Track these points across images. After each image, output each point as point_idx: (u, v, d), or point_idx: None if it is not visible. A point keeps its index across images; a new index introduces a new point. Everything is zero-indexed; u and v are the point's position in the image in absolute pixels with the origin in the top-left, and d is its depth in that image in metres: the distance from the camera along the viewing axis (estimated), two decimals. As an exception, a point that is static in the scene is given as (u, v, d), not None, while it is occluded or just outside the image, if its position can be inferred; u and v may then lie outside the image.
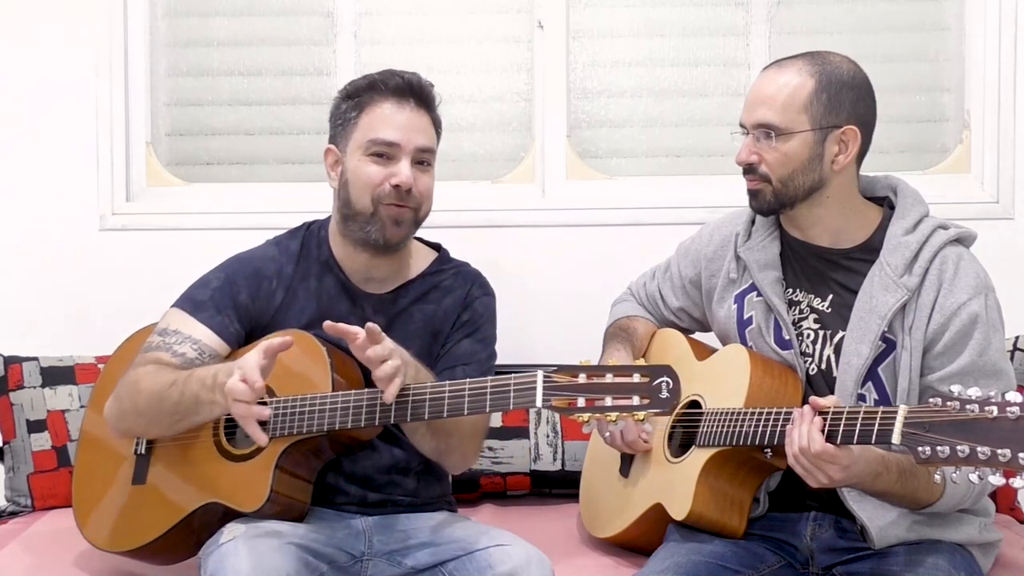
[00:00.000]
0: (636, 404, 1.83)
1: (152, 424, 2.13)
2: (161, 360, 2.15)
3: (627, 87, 3.13)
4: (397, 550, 2.16)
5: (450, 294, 2.30)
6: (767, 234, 2.26)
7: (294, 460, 2.10)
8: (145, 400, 2.10)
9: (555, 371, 1.88)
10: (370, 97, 2.20)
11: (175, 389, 2.06)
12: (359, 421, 2.04)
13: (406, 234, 2.22)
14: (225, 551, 1.98)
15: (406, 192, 2.17)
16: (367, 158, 2.18)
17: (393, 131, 2.17)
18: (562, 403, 1.87)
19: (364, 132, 2.19)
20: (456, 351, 2.27)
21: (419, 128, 2.20)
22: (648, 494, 2.27)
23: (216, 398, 2.00)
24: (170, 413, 2.08)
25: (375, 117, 2.19)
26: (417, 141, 2.18)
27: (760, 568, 2.12)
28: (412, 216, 2.21)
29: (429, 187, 2.22)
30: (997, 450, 1.68)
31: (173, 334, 2.19)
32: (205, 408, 2.04)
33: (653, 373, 1.84)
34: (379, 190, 2.17)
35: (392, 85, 2.20)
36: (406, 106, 2.19)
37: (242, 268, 2.27)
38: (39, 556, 2.39)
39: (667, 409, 1.83)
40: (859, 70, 2.16)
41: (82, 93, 3.05)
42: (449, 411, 2.00)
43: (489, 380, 1.98)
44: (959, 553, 2.10)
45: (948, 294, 2.08)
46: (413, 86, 2.21)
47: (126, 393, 2.14)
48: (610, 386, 1.85)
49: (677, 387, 1.83)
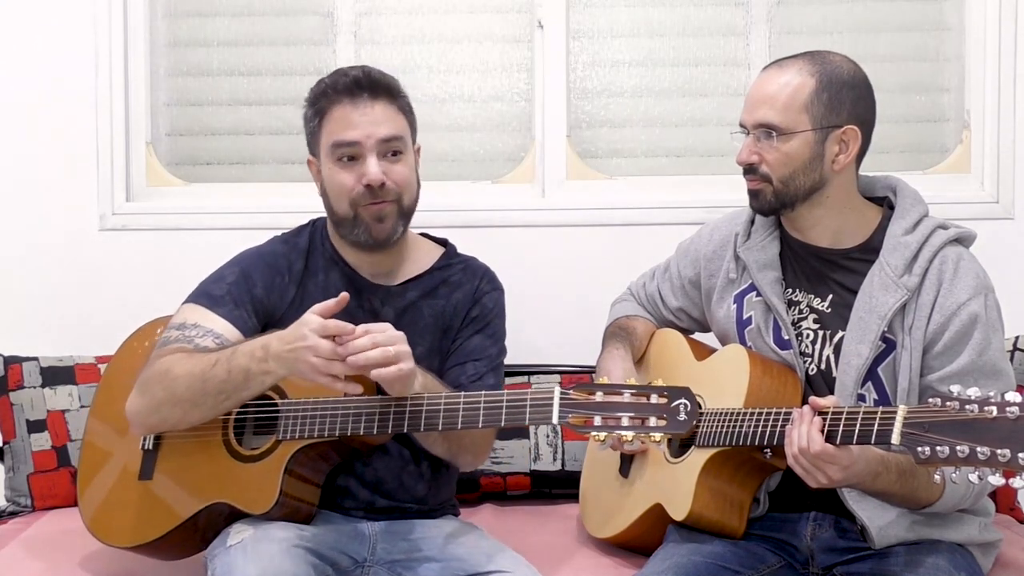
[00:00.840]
0: (653, 425, 1.83)
1: (192, 409, 2.07)
2: (184, 352, 2.11)
3: (627, 87, 3.13)
4: (400, 560, 2.15)
5: (459, 289, 2.30)
6: (766, 234, 2.26)
7: (304, 463, 2.10)
8: (184, 385, 2.05)
9: (572, 388, 1.89)
10: (326, 102, 2.19)
11: (220, 367, 2.03)
12: (371, 428, 2.03)
13: (393, 227, 2.20)
14: (233, 554, 1.98)
15: (379, 188, 2.16)
16: (336, 164, 2.18)
17: (351, 130, 2.16)
18: (579, 420, 1.87)
19: (328, 137, 2.19)
20: (466, 347, 2.27)
21: (377, 120, 2.17)
22: (648, 494, 2.27)
23: (270, 367, 1.98)
24: (215, 392, 2.04)
25: (333, 120, 2.18)
26: (378, 133, 2.16)
27: (760, 568, 2.12)
28: (395, 209, 2.19)
29: (405, 175, 2.19)
30: (997, 450, 1.68)
31: (192, 327, 2.16)
32: (256, 380, 2.01)
33: (672, 394, 1.84)
34: (353, 194, 2.16)
35: (341, 85, 2.18)
36: (360, 102, 2.16)
37: (256, 262, 2.26)
38: (39, 556, 2.38)
39: (683, 432, 1.83)
40: (859, 70, 2.16)
41: (82, 93, 3.05)
42: (463, 423, 2.00)
43: (505, 394, 1.98)
44: (959, 553, 2.10)
45: (948, 294, 2.08)
46: (361, 80, 2.18)
47: (157, 383, 2.09)
48: (627, 405, 1.85)
49: (695, 410, 1.84)
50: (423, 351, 2.22)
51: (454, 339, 2.28)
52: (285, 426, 2.08)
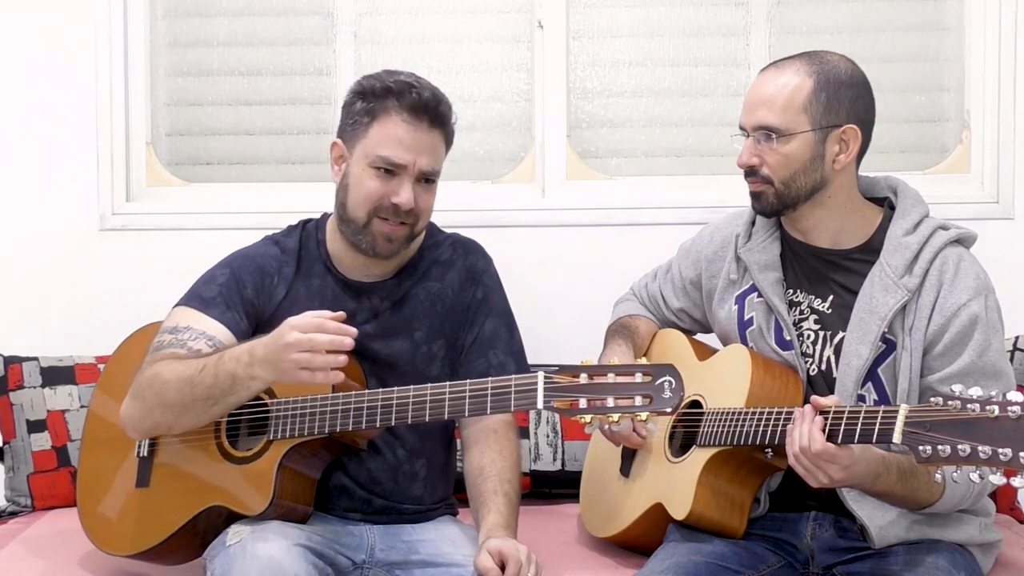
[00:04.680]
0: (639, 404, 1.83)
1: (182, 414, 2.07)
2: (177, 356, 2.11)
3: (627, 87, 3.13)
4: (397, 563, 2.15)
5: (452, 267, 2.30)
6: (767, 235, 2.26)
7: (297, 462, 2.10)
8: (174, 390, 2.05)
9: (556, 371, 1.88)
10: (384, 107, 2.15)
11: (207, 372, 2.03)
12: (360, 423, 2.04)
13: (398, 248, 2.20)
14: (232, 553, 1.98)
15: (405, 212, 2.16)
16: (371, 170, 2.16)
17: (402, 152, 2.14)
18: (564, 404, 1.87)
19: (373, 145, 2.16)
20: (483, 335, 2.28)
21: (427, 150, 2.16)
22: (648, 494, 2.27)
23: (255, 372, 1.99)
24: (203, 398, 2.04)
25: (385, 133, 2.15)
26: (423, 164, 2.15)
27: (760, 568, 2.12)
28: (407, 233, 2.19)
29: (429, 204, 2.21)
30: (998, 449, 1.68)
31: (185, 331, 2.15)
32: (243, 385, 2.01)
33: (656, 372, 1.83)
34: (377, 204, 2.16)
35: (408, 101, 2.15)
36: (419, 126, 2.15)
37: (246, 264, 2.26)
38: (39, 556, 2.38)
39: (670, 409, 1.83)
40: (856, 68, 2.16)
41: (82, 93, 3.05)
42: (450, 412, 2.00)
43: (490, 381, 1.98)
44: (959, 553, 2.10)
45: (948, 295, 2.08)
46: (429, 106, 2.15)
47: (148, 389, 2.09)
48: (612, 386, 1.84)
49: (680, 386, 1.83)
50: (423, 335, 2.23)
51: (470, 328, 2.28)
52: (276, 426, 2.08)
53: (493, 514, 2.11)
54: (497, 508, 2.12)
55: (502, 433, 2.22)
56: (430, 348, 2.25)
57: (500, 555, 2.00)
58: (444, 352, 2.27)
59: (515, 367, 2.28)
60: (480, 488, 2.17)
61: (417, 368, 2.24)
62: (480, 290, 2.30)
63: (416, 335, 2.23)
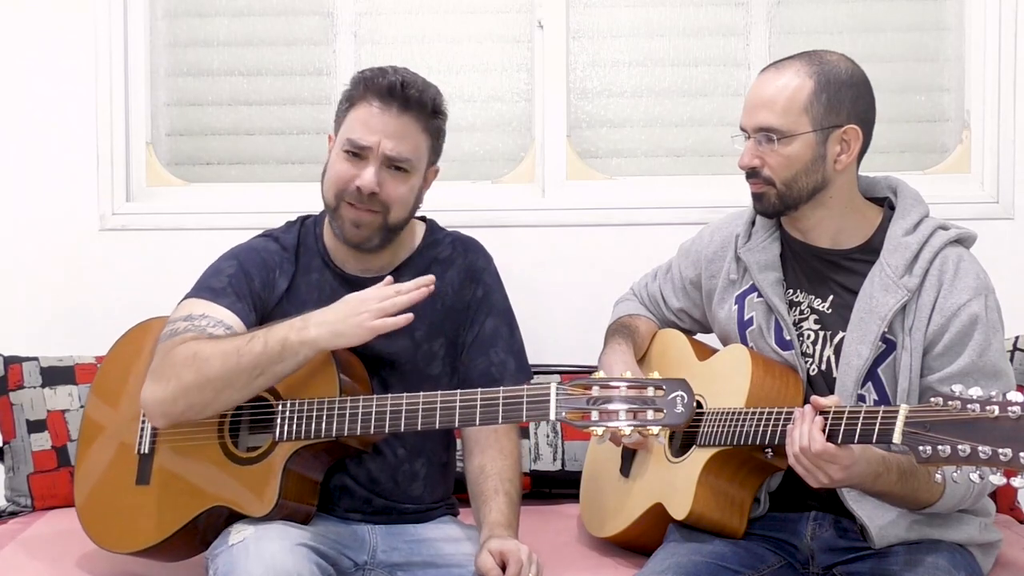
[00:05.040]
0: (651, 418, 1.83)
1: (224, 388, 2.04)
2: (200, 339, 2.09)
3: (627, 87, 3.13)
4: (399, 564, 2.16)
5: (452, 266, 2.29)
6: (767, 235, 2.26)
7: (302, 463, 2.10)
8: (219, 363, 2.02)
9: (569, 384, 1.89)
10: (360, 93, 2.18)
11: (257, 341, 2.02)
12: (368, 428, 2.04)
13: (368, 237, 2.19)
14: (235, 552, 1.97)
15: (368, 196, 2.15)
16: (342, 154, 2.17)
17: (366, 133, 2.14)
18: (576, 416, 1.87)
19: (347, 129, 2.18)
20: (483, 334, 2.28)
21: (395, 134, 2.14)
22: (648, 494, 2.27)
23: (308, 334, 2.00)
24: (250, 368, 2.01)
25: (357, 116, 2.17)
26: (387, 148, 2.14)
27: (760, 568, 2.12)
28: (378, 221, 2.17)
29: (399, 194, 2.17)
30: (998, 449, 1.68)
31: (201, 318, 2.13)
32: (291, 351, 2.01)
33: (668, 387, 1.84)
34: (343, 187, 2.16)
35: (378, 86, 2.16)
36: (387, 110, 2.15)
37: (251, 257, 2.26)
38: (39, 556, 2.38)
39: (681, 423, 1.83)
40: (856, 68, 2.16)
41: (82, 93, 3.05)
42: (461, 421, 2.01)
43: (502, 391, 1.98)
44: (959, 553, 2.10)
45: (948, 295, 2.08)
46: (395, 88, 2.15)
47: (184, 368, 2.05)
48: (624, 399, 1.85)
49: (691, 402, 1.84)
50: (423, 334, 2.23)
51: (471, 326, 2.28)
52: (283, 427, 2.08)
53: (494, 514, 2.11)
54: (498, 508, 2.12)
55: (503, 433, 2.22)
56: (430, 346, 2.25)
57: (501, 555, 2.01)
58: (444, 351, 2.27)
59: (515, 366, 2.28)
60: (481, 488, 2.17)
61: (418, 366, 2.24)
62: (480, 288, 2.30)
63: (416, 333, 2.22)
